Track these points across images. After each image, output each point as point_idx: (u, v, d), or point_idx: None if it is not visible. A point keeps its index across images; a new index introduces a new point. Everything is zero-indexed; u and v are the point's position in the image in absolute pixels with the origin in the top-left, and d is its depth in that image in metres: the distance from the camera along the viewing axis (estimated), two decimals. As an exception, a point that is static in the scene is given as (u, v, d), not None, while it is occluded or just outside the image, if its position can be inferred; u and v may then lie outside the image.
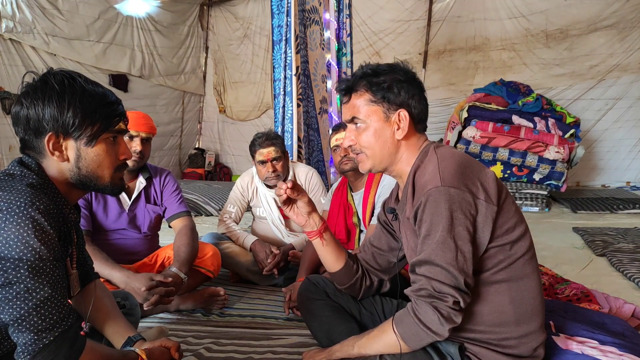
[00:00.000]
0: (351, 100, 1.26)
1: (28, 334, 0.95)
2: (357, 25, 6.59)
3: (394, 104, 1.21)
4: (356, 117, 1.24)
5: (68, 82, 1.06)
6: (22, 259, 0.93)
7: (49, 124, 1.04)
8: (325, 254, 1.45)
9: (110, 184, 1.15)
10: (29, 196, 0.96)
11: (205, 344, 1.71)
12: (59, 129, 1.05)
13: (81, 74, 1.11)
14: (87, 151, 1.09)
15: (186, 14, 8.09)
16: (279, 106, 3.62)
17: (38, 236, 0.95)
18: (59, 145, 1.07)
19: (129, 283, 1.81)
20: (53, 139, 1.05)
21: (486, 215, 1.10)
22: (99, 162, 1.11)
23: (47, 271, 0.97)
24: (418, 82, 1.25)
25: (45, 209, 0.98)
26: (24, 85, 1.07)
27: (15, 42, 5.82)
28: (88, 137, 1.08)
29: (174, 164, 8.48)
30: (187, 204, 2.27)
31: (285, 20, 3.52)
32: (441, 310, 1.07)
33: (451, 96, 6.56)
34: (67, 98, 1.04)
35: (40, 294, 0.95)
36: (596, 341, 1.33)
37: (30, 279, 0.94)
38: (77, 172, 1.10)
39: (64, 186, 1.11)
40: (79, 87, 1.06)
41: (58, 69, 1.09)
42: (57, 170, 1.09)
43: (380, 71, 1.23)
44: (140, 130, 2.02)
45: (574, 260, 2.98)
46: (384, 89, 1.20)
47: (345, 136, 1.29)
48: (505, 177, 5.03)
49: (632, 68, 5.97)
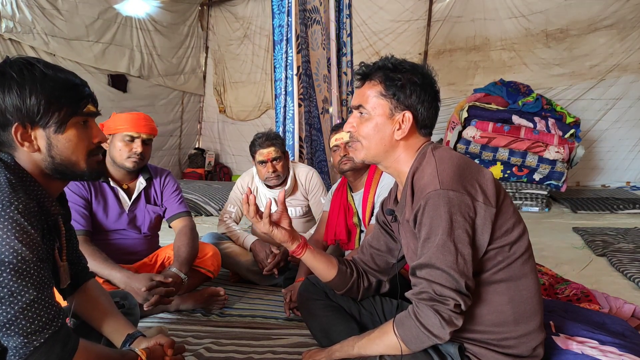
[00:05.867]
0: (363, 87, 1.26)
1: (17, 337, 0.93)
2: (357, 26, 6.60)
3: (402, 104, 1.21)
4: (362, 106, 1.25)
5: (27, 70, 1.02)
6: (3, 262, 0.91)
7: (13, 115, 1.01)
8: (317, 264, 1.45)
9: (87, 170, 1.12)
10: (7, 196, 0.94)
11: (205, 344, 1.71)
12: (24, 118, 1.02)
13: (40, 60, 1.06)
14: (57, 138, 1.05)
15: (186, 14, 8.09)
16: (280, 106, 3.63)
17: (19, 237, 0.92)
18: (27, 136, 1.04)
19: (129, 283, 1.81)
20: (20, 130, 1.02)
21: (485, 217, 1.10)
22: (72, 149, 1.07)
23: (32, 273, 0.94)
24: (434, 89, 1.24)
25: (25, 208, 0.95)
26: None
27: (15, 42, 5.82)
28: (56, 123, 1.04)
29: (174, 164, 8.49)
30: (187, 204, 2.27)
31: (286, 20, 3.52)
32: (442, 313, 1.07)
33: (451, 96, 6.57)
34: (27, 86, 1.00)
35: (25, 297, 0.93)
36: (596, 341, 1.32)
37: (13, 282, 0.92)
38: (51, 161, 1.06)
39: (42, 178, 1.08)
40: (38, 73, 1.02)
41: (16, 56, 1.05)
42: (31, 162, 1.06)
43: (401, 68, 1.22)
44: (142, 131, 2.01)
45: (574, 260, 2.98)
46: (397, 86, 1.20)
47: (348, 121, 1.29)
48: (505, 177, 5.03)
49: (632, 68, 5.97)
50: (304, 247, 1.43)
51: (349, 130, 1.29)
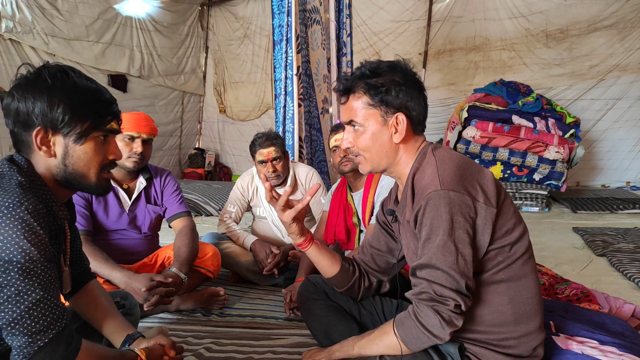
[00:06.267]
0: (349, 101, 1.24)
1: (22, 337, 0.94)
2: (357, 26, 6.60)
3: (391, 107, 1.19)
4: (354, 120, 1.23)
5: (61, 77, 1.03)
6: (12, 261, 0.91)
7: (38, 119, 1.02)
8: (321, 259, 1.45)
9: (95, 184, 1.12)
10: (18, 197, 0.95)
11: (205, 344, 1.71)
12: (47, 123, 1.03)
13: (76, 69, 1.08)
14: (75, 148, 1.07)
15: (186, 14, 8.09)
16: (280, 106, 3.63)
17: (28, 237, 0.93)
18: (47, 141, 1.05)
19: (129, 283, 1.81)
20: (41, 134, 1.03)
21: (486, 217, 1.10)
22: (86, 161, 1.08)
23: (39, 273, 0.95)
24: (418, 82, 1.23)
25: (35, 209, 0.96)
26: (18, 77, 1.05)
27: (15, 42, 5.82)
28: (77, 134, 1.06)
29: (174, 164, 8.49)
30: (187, 204, 2.27)
31: (286, 20, 3.52)
32: (442, 313, 1.07)
33: (451, 96, 6.56)
34: (57, 93, 1.02)
35: (32, 297, 0.94)
36: (596, 341, 1.33)
37: (20, 281, 0.93)
38: (64, 169, 1.07)
39: (53, 183, 1.09)
40: (70, 82, 1.04)
41: (55, 63, 1.07)
42: (45, 166, 1.07)
43: (380, 72, 1.21)
44: (142, 131, 2.02)
45: (574, 260, 2.98)
46: (382, 92, 1.18)
47: (344, 138, 1.28)
48: (505, 177, 5.03)
49: (632, 68, 5.97)
50: (311, 241, 1.42)
51: (347, 147, 1.28)
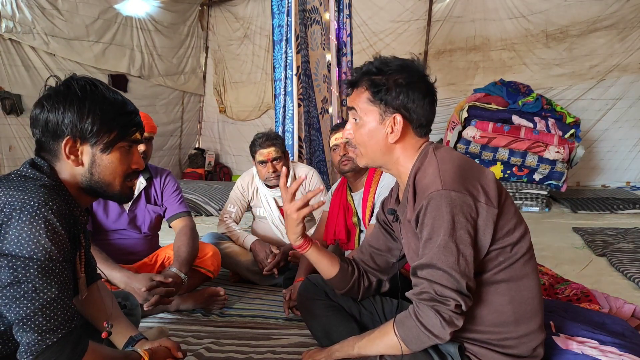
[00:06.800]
0: (353, 94, 1.28)
1: (32, 334, 0.95)
2: (357, 26, 6.59)
3: (390, 107, 1.20)
4: (355, 110, 1.26)
5: (90, 89, 1.08)
6: (32, 258, 0.94)
7: (68, 129, 1.06)
8: (321, 260, 1.45)
9: (119, 192, 1.17)
10: (43, 196, 0.97)
11: (205, 344, 1.71)
12: (77, 134, 1.07)
13: (102, 82, 1.13)
14: (102, 158, 1.11)
15: (186, 14, 8.09)
16: (280, 106, 3.63)
17: (50, 236, 0.95)
18: (75, 150, 1.08)
19: (129, 283, 1.81)
20: (70, 143, 1.07)
21: (487, 218, 1.10)
22: (111, 170, 1.13)
23: (56, 272, 0.97)
24: (424, 85, 1.22)
25: (58, 209, 0.98)
26: (46, 89, 1.09)
27: (15, 42, 5.82)
28: (105, 144, 1.10)
29: (174, 164, 8.49)
30: (187, 204, 2.27)
31: (285, 20, 3.53)
32: (443, 313, 1.07)
33: (451, 96, 6.57)
34: (88, 104, 1.06)
35: (47, 295, 0.96)
36: (596, 341, 1.32)
37: (39, 278, 0.94)
38: (90, 177, 1.11)
39: (75, 190, 1.12)
40: (100, 94, 1.09)
41: (82, 75, 1.12)
42: (70, 174, 1.10)
43: (386, 70, 1.21)
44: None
45: (574, 260, 2.99)
46: (383, 91, 1.19)
47: (346, 127, 1.31)
48: (505, 177, 5.03)
49: (632, 68, 5.97)
50: (310, 243, 1.43)
51: (347, 137, 1.32)
